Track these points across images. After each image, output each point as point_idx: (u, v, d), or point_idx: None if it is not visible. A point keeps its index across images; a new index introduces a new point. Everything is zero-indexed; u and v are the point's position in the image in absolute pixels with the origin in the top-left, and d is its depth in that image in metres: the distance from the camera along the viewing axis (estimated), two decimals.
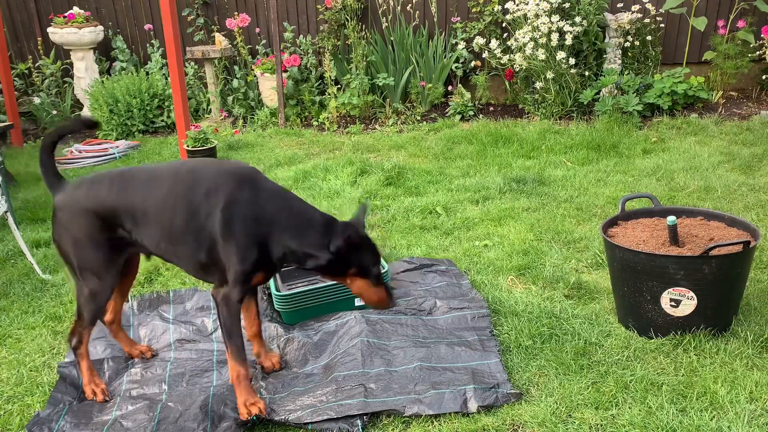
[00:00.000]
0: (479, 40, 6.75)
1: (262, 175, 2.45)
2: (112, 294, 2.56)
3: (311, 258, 2.38)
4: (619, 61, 6.55)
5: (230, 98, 7.29)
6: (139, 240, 2.44)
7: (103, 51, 7.78)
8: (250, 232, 2.32)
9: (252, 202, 2.34)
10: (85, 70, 7.29)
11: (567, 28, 6.07)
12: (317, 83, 7.24)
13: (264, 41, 7.46)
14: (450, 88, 7.09)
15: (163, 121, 7.00)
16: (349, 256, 2.38)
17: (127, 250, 2.52)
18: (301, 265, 2.42)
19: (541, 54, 6.15)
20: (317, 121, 6.83)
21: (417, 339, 2.79)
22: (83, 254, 2.45)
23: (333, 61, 6.96)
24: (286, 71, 6.99)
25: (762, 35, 6.30)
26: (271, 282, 3.18)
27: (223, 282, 2.37)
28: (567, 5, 6.20)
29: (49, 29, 7.18)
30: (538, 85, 6.41)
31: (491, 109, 6.99)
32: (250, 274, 2.36)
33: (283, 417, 2.37)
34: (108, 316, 2.83)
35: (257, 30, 7.53)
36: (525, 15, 6.30)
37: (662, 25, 6.70)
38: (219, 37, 7.15)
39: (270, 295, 3.20)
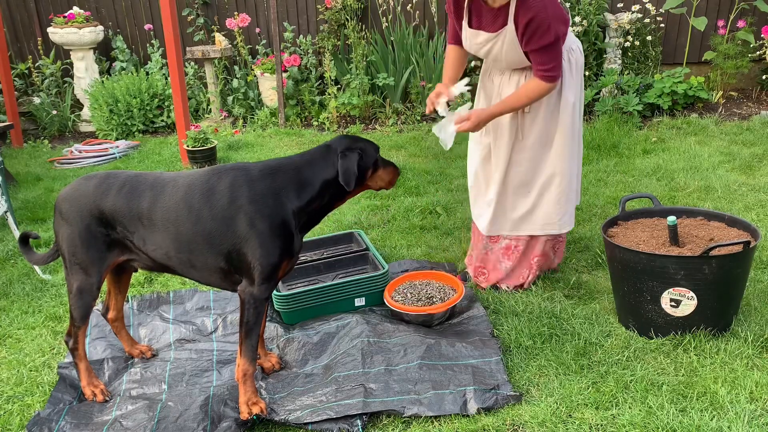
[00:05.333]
0: None
1: (244, 163, 2.49)
2: (98, 293, 2.55)
3: (331, 186, 2.44)
4: (619, 61, 6.54)
5: (230, 98, 7.29)
6: (143, 248, 2.45)
7: (103, 51, 7.78)
8: (263, 210, 2.33)
9: (250, 182, 2.37)
10: (85, 70, 7.28)
11: None
12: (317, 83, 7.23)
13: (264, 41, 7.46)
14: None
15: (163, 121, 7.00)
16: (355, 164, 2.44)
17: (120, 253, 2.51)
18: (329, 201, 2.48)
19: None
20: (317, 122, 6.83)
21: (417, 339, 2.79)
22: (76, 248, 2.46)
23: (333, 61, 6.96)
24: (286, 71, 6.99)
25: (762, 35, 6.30)
26: None
27: (250, 280, 2.37)
28: (567, 5, 6.19)
29: (49, 29, 7.18)
30: None
31: None
32: (277, 266, 2.36)
33: (283, 417, 2.38)
34: (111, 314, 2.83)
35: (257, 30, 7.52)
36: None
37: (662, 25, 6.70)
38: (219, 37, 7.15)
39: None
